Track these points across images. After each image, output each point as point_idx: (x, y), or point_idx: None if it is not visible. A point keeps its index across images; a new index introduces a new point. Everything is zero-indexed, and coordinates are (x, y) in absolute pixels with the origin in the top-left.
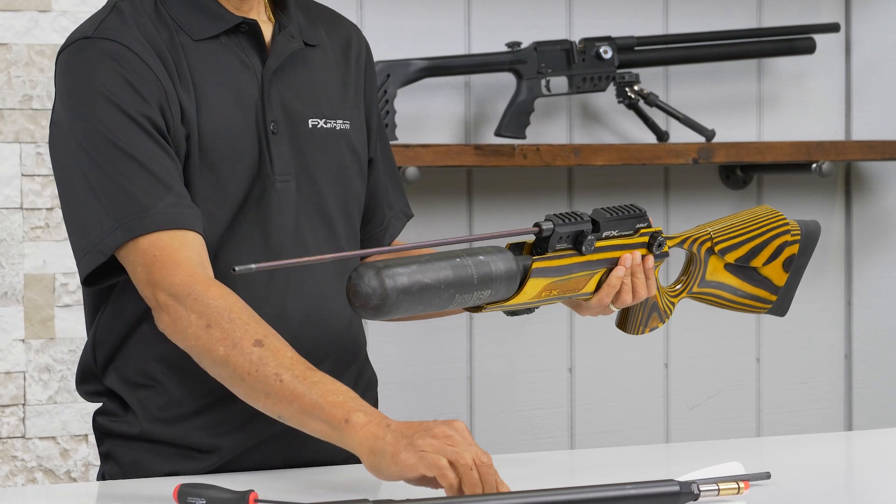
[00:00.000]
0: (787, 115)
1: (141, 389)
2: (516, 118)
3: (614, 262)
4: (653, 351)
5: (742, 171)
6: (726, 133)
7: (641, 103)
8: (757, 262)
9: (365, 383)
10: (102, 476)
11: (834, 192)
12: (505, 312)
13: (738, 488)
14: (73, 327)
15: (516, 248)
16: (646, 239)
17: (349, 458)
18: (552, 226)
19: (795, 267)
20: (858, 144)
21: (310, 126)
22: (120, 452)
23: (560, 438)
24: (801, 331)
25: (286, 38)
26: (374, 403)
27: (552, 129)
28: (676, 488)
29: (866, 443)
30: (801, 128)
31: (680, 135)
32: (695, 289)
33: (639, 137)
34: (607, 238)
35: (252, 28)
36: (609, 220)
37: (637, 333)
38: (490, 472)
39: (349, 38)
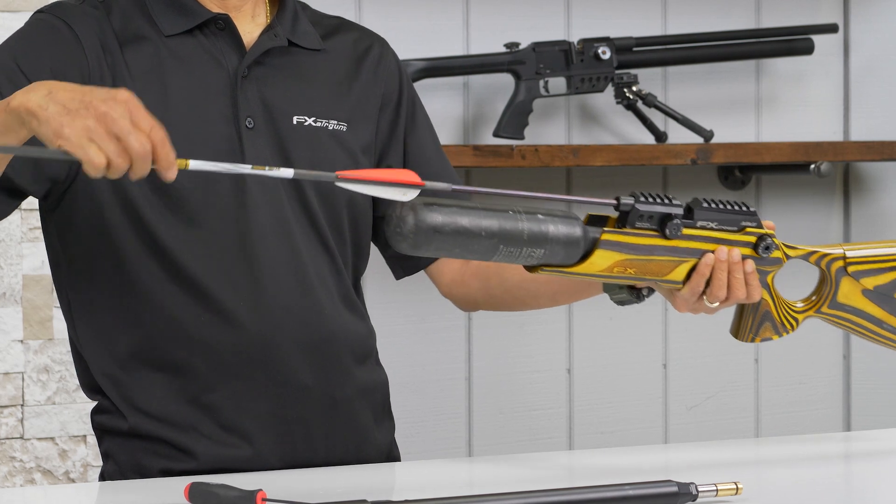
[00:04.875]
0: (785, 115)
1: (122, 385)
2: (515, 119)
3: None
4: (651, 351)
5: (740, 171)
6: (725, 134)
7: (640, 104)
8: None
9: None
10: (102, 476)
11: (832, 193)
12: (614, 301)
13: (737, 489)
14: None
15: (599, 221)
16: (752, 239)
17: (347, 459)
18: (632, 201)
19: None
20: (857, 145)
21: (294, 122)
22: (117, 451)
23: (559, 439)
24: (800, 331)
25: (269, 37)
26: (385, 404)
27: (551, 129)
28: (675, 489)
29: (865, 443)
30: (800, 128)
31: (678, 135)
32: (824, 309)
33: (637, 138)
34: (702, 228)
35: (228, 25)
36: (706, 209)
37: (747, 340)
38: (164, 148)
39: (369, 48)
